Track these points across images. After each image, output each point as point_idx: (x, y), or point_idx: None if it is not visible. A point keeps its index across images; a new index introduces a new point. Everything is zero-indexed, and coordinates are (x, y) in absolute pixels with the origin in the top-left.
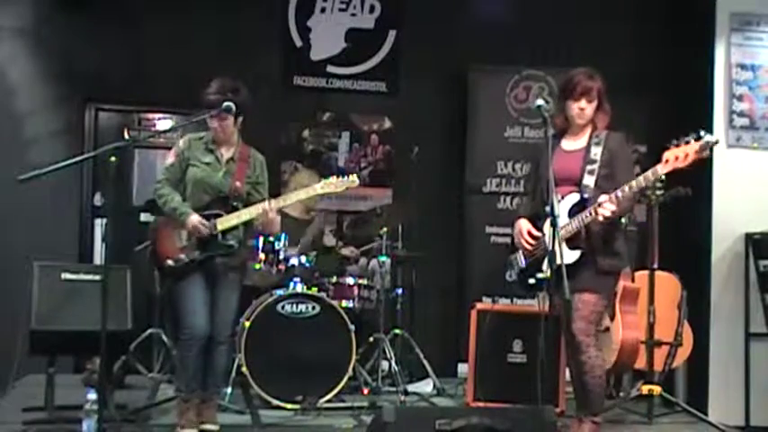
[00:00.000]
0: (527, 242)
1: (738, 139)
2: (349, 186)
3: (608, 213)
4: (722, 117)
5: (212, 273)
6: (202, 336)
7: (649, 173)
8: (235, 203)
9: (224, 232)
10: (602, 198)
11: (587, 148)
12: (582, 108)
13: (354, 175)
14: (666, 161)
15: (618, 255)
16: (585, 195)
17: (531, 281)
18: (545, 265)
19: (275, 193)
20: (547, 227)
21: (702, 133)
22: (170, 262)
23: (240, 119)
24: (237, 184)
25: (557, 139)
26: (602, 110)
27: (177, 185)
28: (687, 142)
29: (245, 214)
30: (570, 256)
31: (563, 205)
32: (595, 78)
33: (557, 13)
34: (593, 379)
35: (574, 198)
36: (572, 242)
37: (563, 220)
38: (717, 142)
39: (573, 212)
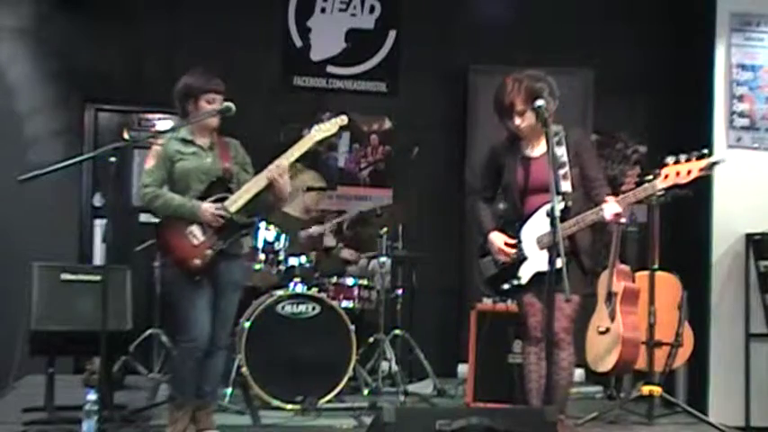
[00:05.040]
0: (507, 254)
1: (739, 139)
2: (340, 125)
3: (619, 210)
4: (722, 117)
5: (216, 274)
6: (207, 342)
7: (649, 186)
8: (230, 185)
9: (238, 212)
10: (611, 198)
11: (550, 151)
12: (517, 125)
13: (343, 115)
14: (666, 176)
15: (594, 255)
16: (570, 204)
17: (506, 286)
18: (521, 271)
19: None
20: (524, 232)
21: (706, 151)
22: (197, 261)
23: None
24: (227, 164)
25: (514, 147)
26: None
27: (162, 187)
28: (689, 159)
29: (253, 187)
30: (546, 262)
31: (539, 216)
32: (511, 90)
33: (557, 13)
34: (569, 376)
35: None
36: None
37: (544, 229)
38: (723, 161)
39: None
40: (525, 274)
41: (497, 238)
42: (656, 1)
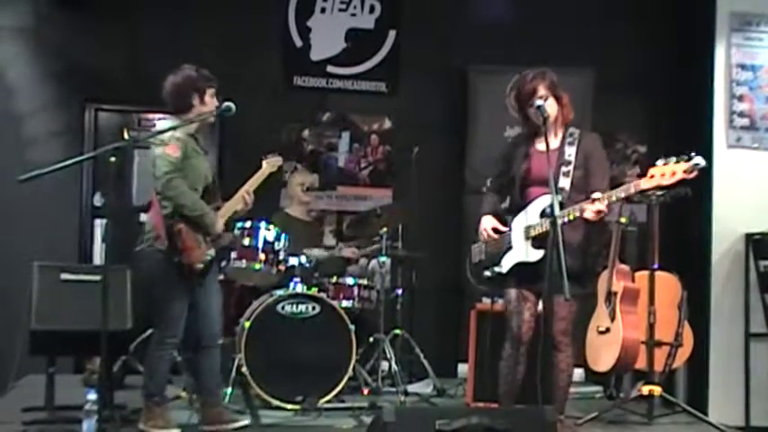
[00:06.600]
0: (491, 237)
1: (738, 139)
2: (279, 165)
3: (602, 207)
4: (722, 117)
5: (203, 279)
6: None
7: (632, 186)
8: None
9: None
10: (596, 195)
11: (561, 149)
12: (539, 105)
13: (278, 156)
14: (652, 176)
15: (593, 256)
16: (561, 198)
17: (487, 273)
18: (504, 260)
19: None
20: (515, 222)
21: (693, 155)
22: (200, 265)
23: None
24: (212, 171)
25: (529, 140)
26: (560, 104)
27: None
28: (677, 161)
29: (232, 206)
30: (534, 254)
31: (535, 206)
32: (534, 78)
33: (557, 13)
34: (569, 377)
35: (547, 200)
36: (538, 241)
37: (534, 220)
38: (705, 166)
39: (545, 214)
40: (507, 263)
41: (486, 221)
42: (655, 1)
